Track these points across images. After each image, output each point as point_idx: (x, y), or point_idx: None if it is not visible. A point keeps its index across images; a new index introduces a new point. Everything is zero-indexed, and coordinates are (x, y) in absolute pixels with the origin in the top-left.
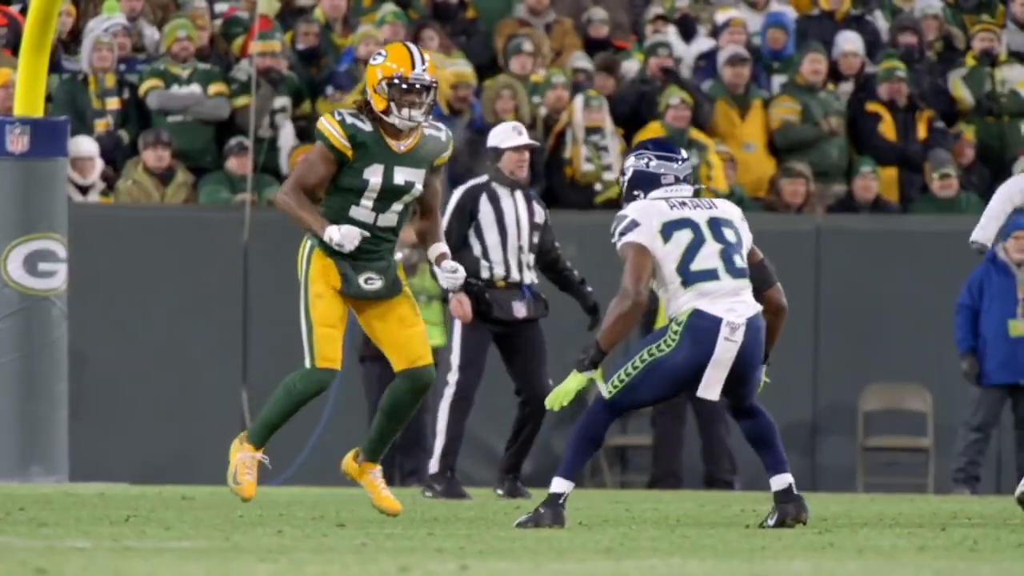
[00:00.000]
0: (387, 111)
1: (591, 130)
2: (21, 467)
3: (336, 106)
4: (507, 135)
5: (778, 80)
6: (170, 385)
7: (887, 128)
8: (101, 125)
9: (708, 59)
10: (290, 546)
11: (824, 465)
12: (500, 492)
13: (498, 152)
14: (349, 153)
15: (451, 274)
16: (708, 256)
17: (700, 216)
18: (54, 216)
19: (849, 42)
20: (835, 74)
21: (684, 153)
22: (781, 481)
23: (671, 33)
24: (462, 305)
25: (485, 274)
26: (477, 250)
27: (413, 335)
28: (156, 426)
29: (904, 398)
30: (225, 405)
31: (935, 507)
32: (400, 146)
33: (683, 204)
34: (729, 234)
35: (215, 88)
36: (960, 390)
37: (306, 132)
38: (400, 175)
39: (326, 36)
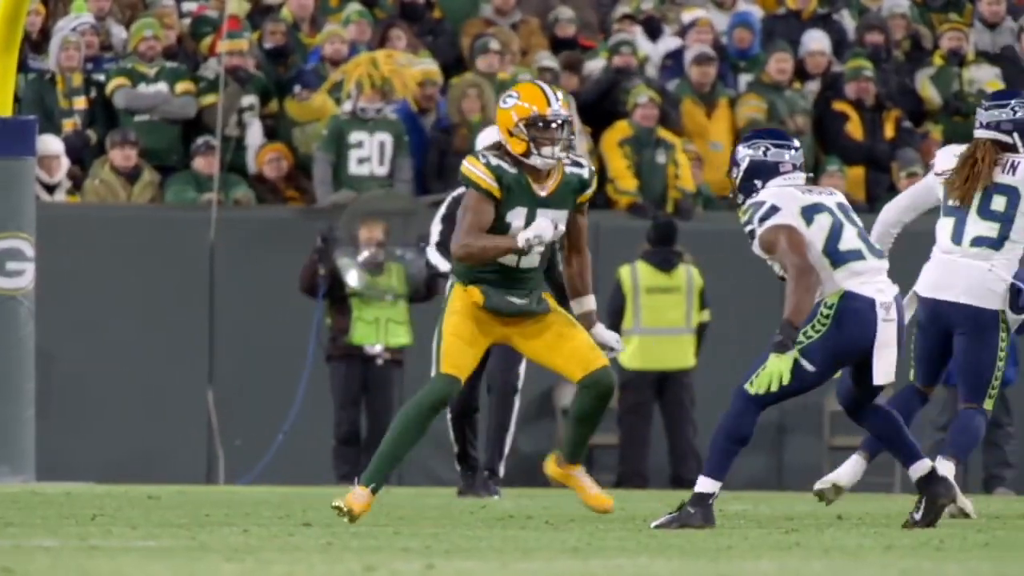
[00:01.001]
0: (527, 153)
1: None
2: None
3: (303, 106)
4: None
5: (744, 79)
6: (136, 384)
7: (854, 127)
8: (68, 125)
9: (675, 58)
10: (256, 545)
11: (791, 464)
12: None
13: None
14: (497, 194)
15: (610, 346)
16: (851, 238)
17: (829, 201)
18: (22, 215)
19: (816, 41)
20: (802, 73)
21: (796, 141)
22: (921, 468)
23: (638, 33)
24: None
25: None
26: None
27: (577, 344)
28: (122, 425)
29: None
30: (191, 405)
31: (901, 506)
32: (543, 189)
33: (809, 191)
34: (856, 218)
35: (182, 87)
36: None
37: (273, 131)
38: (544, 218)
39: (293, 35)
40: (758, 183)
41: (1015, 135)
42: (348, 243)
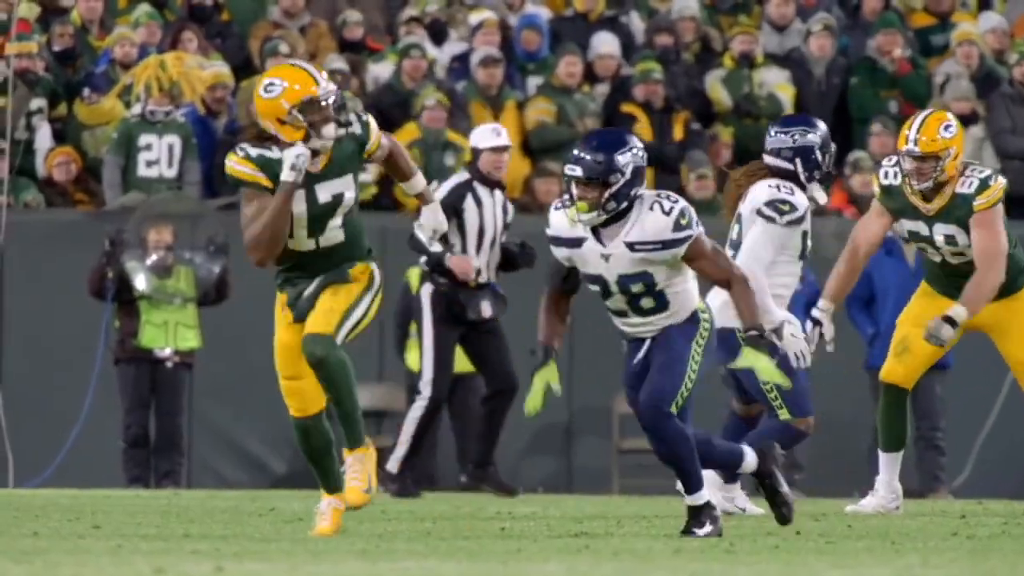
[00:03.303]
0: (306, 138)
1: None
2: None
3: (93, 109)
4: (485, 136)
5: (534, 81)
6: None
7: (643, 129)
8: None
9: (462, 61)
10: (45, 548)
11: (579, 467)
12: (467, 482)
13: (476, 152)
14: (269, 185)
15: (430, 221)
16: None
17: None
18: None
19: (605, 44)
20: (591, 75)
21: None
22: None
23: (424, 36)
24: (464, 262)
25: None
26: (457, 248)
27: (319, 307)
28: None
29: None
30: None
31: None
32: (316, 163)
33: None
34: None
35: None
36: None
37: (62, 134)
38: (325, 192)
39: (82, 38)
40: (637, 190)
41: (797, 161)
42: (137, 246)
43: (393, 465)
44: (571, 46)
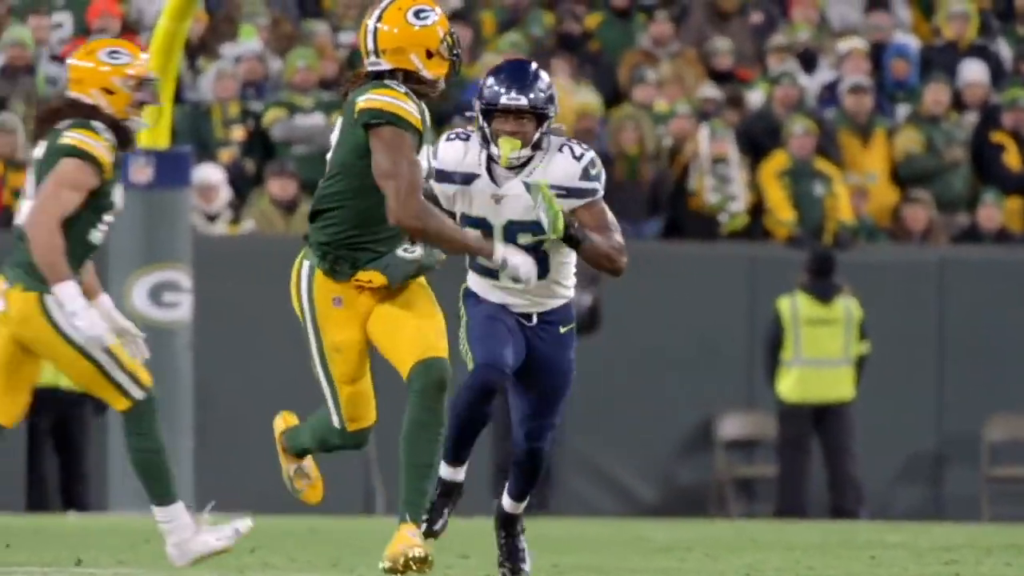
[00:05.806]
0: (442, 77)
1: (716, 160)
2: (145, 499)
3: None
4: None
5: (903, 110)
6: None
7: (1012, 158)
8: (225, 155)
9: (831, 89)
10: None
11: (949, 495)
12: None
13: None
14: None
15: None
16: None
17: None
18: (179, 247)
19: (973, 72)
20: (959, 104)
21: None
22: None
23: (794, 63)
24: None
25: None
26: None
27: (424, 325)
28: None
29: None
30: None
31: None
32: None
33: None
34: None
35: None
36: None
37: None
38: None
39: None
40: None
41: None
42: None
43: None
44: (939, 74)
